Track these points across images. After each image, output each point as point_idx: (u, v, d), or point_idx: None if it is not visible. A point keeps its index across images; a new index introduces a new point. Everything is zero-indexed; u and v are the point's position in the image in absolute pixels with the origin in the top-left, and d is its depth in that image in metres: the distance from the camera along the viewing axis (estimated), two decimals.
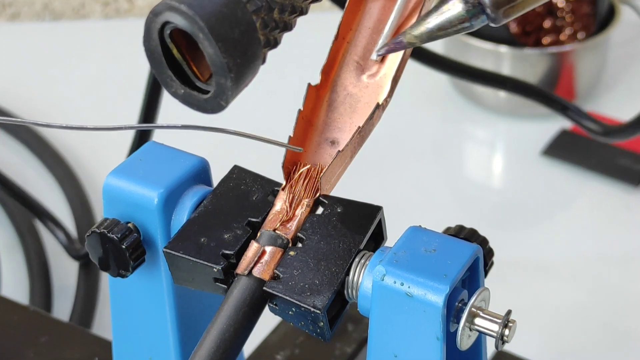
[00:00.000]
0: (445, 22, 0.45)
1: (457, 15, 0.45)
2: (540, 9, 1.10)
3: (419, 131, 1.13)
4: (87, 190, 1.02)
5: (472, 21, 0.45)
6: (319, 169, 0.54)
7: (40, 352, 0.71)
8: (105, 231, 0.54)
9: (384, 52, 0.48)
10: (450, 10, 0.45)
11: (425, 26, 0.46)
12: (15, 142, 1.10)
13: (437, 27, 0.45)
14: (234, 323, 0.51)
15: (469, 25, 0.45)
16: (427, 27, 0.46)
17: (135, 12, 1.35)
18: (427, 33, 0.46)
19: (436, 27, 0.45)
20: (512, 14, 0.45)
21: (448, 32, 0.45)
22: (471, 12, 0.45)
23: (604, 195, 1.02)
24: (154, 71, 0.48)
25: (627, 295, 0.92)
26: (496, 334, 0.50)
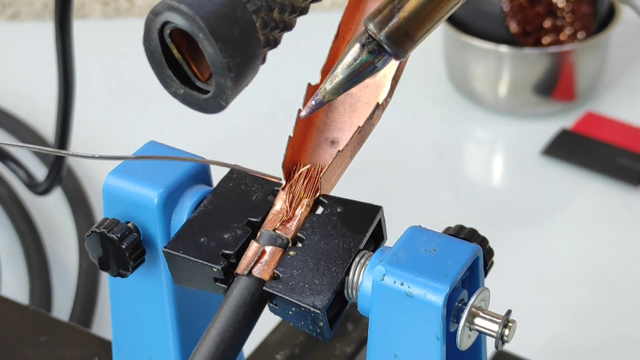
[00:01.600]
0: (353, 71, 0.47)
1: (361, 62, 0.47)
2: (540, 9, 1.10)
3: (419, 131, 1.13)
4: (87, 190, 1.02)
5: (376, 63, 0.47)
6: (319, 168, 0.54)
7: (40, 352, 0.71)
8: (105, 231, 0.54)
9: (307, 113, 0.49)
10: (353, 58, 0.47)
11: (336, 80, 0.48)
12: (15, 142, 1.10)
13: (347, 77, 0.47)
14: (233, 323, 0.51)
15: (375, 67, 0.47)
16: (338, 80, 0.48)
17: (135, 11, 1.35)
18: (340, 85, 0.48)
19: (345, 78, 0.48)
20: (412, 47, 0.47)
21: (358, 79, 0.47)
22: (373, 54, 0.47)
23: (604, 195, 1.02)
24: (154, 71, 0.48)
25: (627, 295, 0.92)
26: (496, 334, 0.50)
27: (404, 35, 0.46)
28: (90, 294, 0.90)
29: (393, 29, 0.46)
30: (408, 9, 0.46)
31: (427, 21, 0.47)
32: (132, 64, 1.20)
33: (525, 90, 1.10)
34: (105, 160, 0.50)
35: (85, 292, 0.90)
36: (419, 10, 0.46)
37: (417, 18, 0.46)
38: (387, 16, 0.46)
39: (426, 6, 0.47)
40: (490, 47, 1.08)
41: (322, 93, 0.48)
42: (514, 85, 1.10)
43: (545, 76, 1.09)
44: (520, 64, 1.08)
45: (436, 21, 0.47)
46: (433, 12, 0.47)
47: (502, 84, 1.10)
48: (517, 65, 1.09)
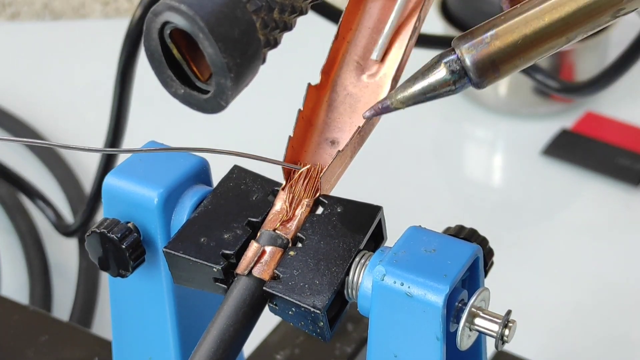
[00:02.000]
0: (430, 86, 0.47)
1: (441, 80, 0.46)
2: None
3: (419, 131, 1.13)
4: (87, 190, 1.02)
5: (455, 85, 0.46)
6: (319, 168, 0.54)
7: (40, 352, 0.71)
8: (105, 231, 0.54)
9: (372, 114, 0.49)
10: (436, 76, 0.46)
11: (409, 90, 0.47)
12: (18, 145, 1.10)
13: (421, 90, 0.47)
14: (233, 323, 0.51)
15: (453, 89, 0.46)
16: (412, 91, 0.47)
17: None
18: (413, 97, 0.47)
19: (420, 90, 0.47)
20: (495, 79, 0.46)
21: (432, 95, 0.47)
22: (454, 76, 0.46)
23: (604, 195, 1.02)
24: (154, 71, 0.48)
25: (627, 295, 0.92)
26: (496, 334, 0.50)
27: (490, 65, 0.45)
28: (90, 294, 0.90)
29: (482, 56, 0.45)
30: (503, 41, 0.45)
31: (518, 58, 0.46)
32: None
33: (526, 90, 1.10)
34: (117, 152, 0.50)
35: (85, 292, 0.90)
36: (514, 45, 0.45)
37: (509, 53, 0.45)
38: (480, 42, 0.45)
39: (521, 44, 0.45)
40: None
41: (391, 99, 0.48)
42: (514, 85, 1.10)
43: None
44: None
45: (526, 61, 0.46)
46: (526, 51, 0.46)
47: (502, 84, 1.10)
48: None
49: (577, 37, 0.46)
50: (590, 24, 0.46)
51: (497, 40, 0.45)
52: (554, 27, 0.45)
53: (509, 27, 0.45)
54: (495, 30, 0.45)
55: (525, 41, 0.45)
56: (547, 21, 0.45)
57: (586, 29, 0.46)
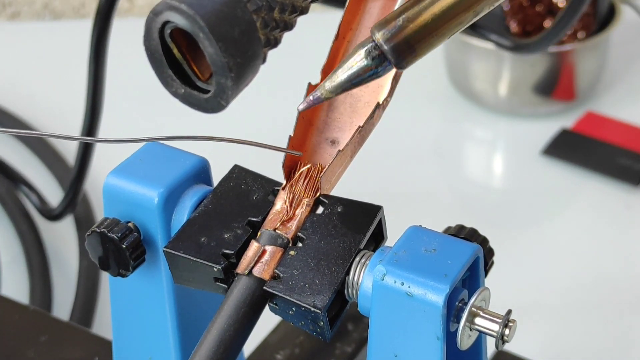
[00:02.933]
0: (353, 74, 0.49)
1: (364, 67, 0.48)
2: (540, 9, 1.10)
3: (419, 131, 1.13)
4: (87, 190, 1.02)
5: (377, 69, 0.48)
6: (319, 168, 0.54)
7: (40, 352, 0.71)
8: (106, 231, 0.54)
9: (304, 107, 0.51)
10: (359, 64, 0.48)
11: (336, 80, 0.49)
12: (16, 142, 1.10)
13: (347, 79, 0.49)
14: (234, 323, 0.51)
15: (376, 72, 0.49)
16: (339, 81, 0.49)
17: (135, 11, 1.35)
18: (340, 86, 0.49)
19: (346, 79, 0.49)
20: (413, 59, 0.48)
21: (358, 82, 0.49)
22: (376, 61, 0.48)
23: (604, 195, 1.02)
24: (154, 71, 0.48)
25: (627, 295, 0.92)
26: (496, 334, 0.50)
27: (407, 47, 0.48)
28: (91, 294, 0.90)
29: (397, 40, 0.47)
30: (415, 23, 0.48)
31: (431, 37, 0.48)
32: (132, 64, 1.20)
33: (526, 90, 1.10)
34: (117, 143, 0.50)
35: (86, 292, 0.90)
36: (425, 25, 0.48)
37: (422, 33, 0.48)
38: (394, 27, 0.48)
39: (432, 23, 0.48)
40: (490, 47, 1.08)
41: (320, 90, 0.49)
42: (514, 85, 1.10)
43: (546, 76, 1.09)
44: (521, 64, 1.08)
45: (439, 37, 0.48)
46: (438, 29, 0.48)
47: (502, 84, 1.10)
48: (517, 65, 1.09)
49: (483, 9, 0.48)
50: None
51: (410, 23, 0.47)
52: (460, 4, 0.48)
53: (418, 9, 0.48)
54: (406, 14, 0.48)
55: (435, 20, 0.48)
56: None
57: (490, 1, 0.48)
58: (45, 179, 1.05)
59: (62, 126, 1.14)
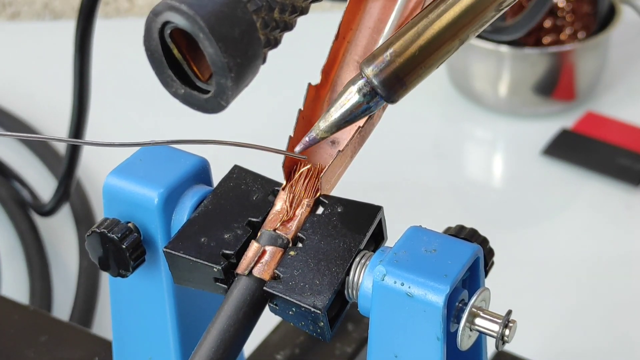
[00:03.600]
0: (346, 112, 0.49)
1: (355, 103, 0.49)
2: None
3: (419, 131, 1.13)
4: (87, 190, 1.02)
5: (370, 104, 0.49)
6: (319, 168, 0.54)
7: (40, 352, 0.71)
8: (105, 231, 0.54)
9: (302, 149, 0.52)
10: (349, 100, 0.49)
11: (330, 120, 0.50)
12: (15, 142, 1.10)
13: (341, 117, 0.50)
14: (234, 323, 0.51)
15: (368, 108, 0.49)
16: (333, 120, 0.50)
17: (135, 11, 1.35)
18: (334, 124, 0.50)
19: (340, 117, 0.50)
20: (404, 92, 0.49)
21: (351, 119, 0.50)
22: (367, 97, 0.49)
23: (604, 195, 1.02)
24: (154, 71, 0.48)
25: (627, 295, 0.92)
26: (496, 334, 0.50)
27: (396, 81, 0.48)
28: (90, 294, 0.90)
29: (387, 75, 0.48)
30: (403, 56, 0.48)
31: (419, 69, 0.49)
32: (132, 64, 1.20)
33: (526, 90, 1.10)
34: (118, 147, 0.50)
35: (86, 292, 0.90)
36: (413, 58, 0.48)
37: (410, 65, 0.48)
38: (382, 62, 0.48)
39: (419, 55, 0.48)
40: (490, 47, 1.08)
41: (316, 130, 0.50)
42: (514, 85, 1.10)
43: (546, 76, 1.09)
44: (521, 64, 1.08)
45: (427, 69, 0.49)
46: (425, 60, 0.49)
47: (503, 84, 1.10)
48: (517, 65, 1.09)
49: (469, 37, 0.49)
50: (477, 23, 0.49)
51: (397, 57, 0.48)
52: (445, 33, 0.49)
53: (404, 42, 0.48)
54: (393, 48, 0.48)
55: (422, 52, 0.48)
56: (437, 29, 0.48)
57: (475, 27, 0.49)
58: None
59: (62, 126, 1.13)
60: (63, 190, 0.89)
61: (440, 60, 0.49)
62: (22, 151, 1.09)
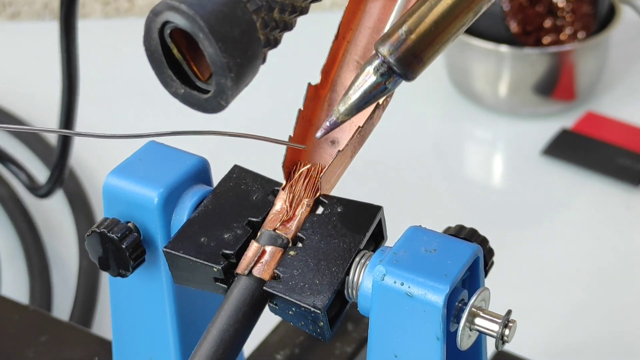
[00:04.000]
0: (365, 92, 0.49)
1: (373, 83, 0.49)
2: (540, 9, 1.10)
3: (419, 131, 1.13)
4: (87, 190, 1.02)
5: (387, 84, 0.49)
6: (319, 168, 0.54)
7: (40, 352, 0.71)
8: (105, 231, 0.54)
9: (323, 133, 0.51)
10: (366, 81, 0.49)
11: (349, 102, 0.49)
12: (15, 142, 1.10)
13: (359, 99, 0.49)
14: (234, 323, 0.51)
15: (386, 89, 0.49)
16: (352, 102, 0.49)
17: (135, 11, 1.35)
18: (353, 106, 0.49)
19: (358, 99, 0.49)
20: (421, 69, 0.49)
21: (370, 99, 0.49)
22: (384, 77, 0.49)
23: (604, 195, 1.02)
24: (154, 71, 0.48)
25: (627, 295, 0.92)
26: (496, 334, 0.50)
27: (413, 57, 0.48)
28: (90, 294, 0.90)
29: (402, 52, 0.48)
30: (417, 33, 0.48)
31: (435, 43, 0.48)
32: (132, 64, 1.20)
33: (525, 90, 1.10)
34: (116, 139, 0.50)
35: (85, 292, 0.90)
36: (427, 34, 0.48)
37: (425, 41, 0.48)
38: (396, 39, 0.48)
39: (434, 30, 0.48)
40: (490, 47, 1.08)
41: (336, 114, 0.50)
42: (514, 85, 1.10)
43: (545, 76, 1.09)
44: (521, 64, 1.08)
45: (443, 42, 0.48)
46: (441, 34, 0.48)
47: (502, 84, 1.10)
48: (517, 65, 1.09)
49: (482, 8, 0.49)
50: None
51: (412, 33, 0.48)
52: (458, 6, 0.48)
53: (418, 18, 0.48)
54: (406, 25, 0.48)
55: (437, 27, 0.48)
56: (450, 2, 0.48)
57: None
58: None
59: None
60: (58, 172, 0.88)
61: (455, 34, 0.49)
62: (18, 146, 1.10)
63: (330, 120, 0.50)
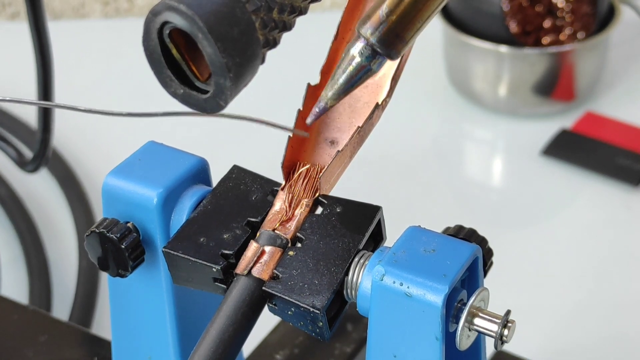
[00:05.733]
0: (350, 75, 0.49)
1: (356, 65, 0.49)
2: (540, 9, 1.10)
3: (419, 131, 1.13)
4: (87, 190, 1.02)
5: (371, 66, 0.49)
6: (319, 169, 0.54)
7: (40, 352, 0.71)
8: (105, 231, 0.54)
9: (312, 120, 0.51)
10: (353, 65, 0.49)
11: (336, 85, 0.49)
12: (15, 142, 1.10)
13: (346, 81, 0.49)
14: (233, 323, 0.51)
15: (370, 70, 0.49)
16: (338, 85, 0.49)
17: (135, 11, 1.35)
18: (340, 90, 0.49)
19: (345, 82, 0.49)
20: (404, 47, 0.48)
21: (356, 81, 0.49)
22: (368, 58, 0.48)
23: (604, 195, 1.02)
24: (153, 71, 0.48)
25: (627, 295, 0.92)
26: (495, 334, 0.50)
27: (395, 37, 0.48)
28: (90, 294, 0.90)
29: (384, 32, 0.48)
30: (396, 12, 0.48)
31: (416, 21, 0.48)
32: (132, 64, 1.20)
33: (525, 90, 1.10)
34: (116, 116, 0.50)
35: (85, 292, 0.90)
36: (407, 12, 0.48)
37: (406, 19, 0.48)
38: (377, 20, 0.48)
39: (413, 8, 0.48)
40: (490, 47, 1.08)
41: (324, 99, 0.50)
42: (514, 85, 1.10)
43: (545, 76, 1.09)
44: (520, 64, 1.08)
45: (424, 20, 0.48)
46: (420, 12, 0.48)
47: (502, 84, 1.10)
48: (517, 65, 1.09)
49: None
50: None
51: (392, 15, 0.48)
52: None
53: None
54: (385, 5, 0.48)
55: (416, 5, 0.48)
56: None
57: None
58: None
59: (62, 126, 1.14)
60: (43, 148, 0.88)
61: (435, 10, 0.49)
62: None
63: (319, 106, 0.50)
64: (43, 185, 1.04)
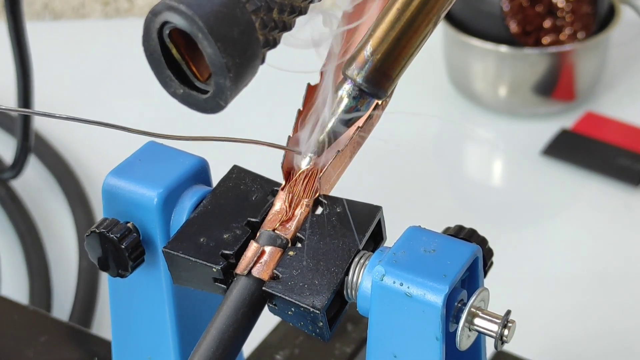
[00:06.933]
0: (340, 119, 0.50)
1: (347, 108, 0.50)
2: (540, 9, 1.10)
3: (419, 131, 1.13)
4: (87, 190, 1.02)
5: (358, 107, 0.50)
6: (319, 169, 0.54)
7: (40, 352, 0.71)
8: (105, 231, 0.54)
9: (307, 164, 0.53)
10: (341, 108, 0.50)
11: (326, 130, 0.51)
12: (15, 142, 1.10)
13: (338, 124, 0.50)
14: (233, 323, 0.51)
15: (360, 110, 0.50)
16: (329, 128, 0.51)
17: (135, 11, 1.35)
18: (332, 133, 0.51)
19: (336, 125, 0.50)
20: (391, 85, 0.49)
21: (346, 124, 0.50)
22: (356, 99, 0.49)
23: (604, 195, 1.02)
24: (153, 71, 0.48)
25: (627, 295, 0.91)
26: (495, 334, 0.50)
27: (382, 76, 0.49)
28: (90, 294, 0.90)
29: (370, 71, 0.48)
30: (381, 52, 0.48)
31: (401, 59, 0.49)
32: (132, 64, 1.20)
33: (525, 90, 1.10)
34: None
35: (85, 292, 0.90)
36: (391, 51, 0.48)
37: (390, 59, 0.49)
38: (362, 60, 0.48)
39: (397, 47, 0.48)
40: (490, 47, 1.08)
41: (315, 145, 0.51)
42: (514, 85, 1.10)
43: (545, 76, 1.09)
44: (520, 64, 1.08)
45: (409, 56, 0.49)
46: (405, 49, 0.49)
47: (502, 84, 1.10)
48: (517, 65, 1.09)
49: (440, 17, 0.49)
50: (447, 1, 0.49)
51: (376, 54, 0.48)
52: (416, 21, 0.48)
53: (379, 38, 0.48)
54: (369, 46, 0.48)
55: (399, 43, 0.48)
56: (408, 17, 0.48)
57: (445, 6, 0.49)
58: None
59: (61, 126, 1.14)
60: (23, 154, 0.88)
61: (418, 46, 0.49)
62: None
63: (312, 150, 0.51)
64: (43, 185, 1.04)
